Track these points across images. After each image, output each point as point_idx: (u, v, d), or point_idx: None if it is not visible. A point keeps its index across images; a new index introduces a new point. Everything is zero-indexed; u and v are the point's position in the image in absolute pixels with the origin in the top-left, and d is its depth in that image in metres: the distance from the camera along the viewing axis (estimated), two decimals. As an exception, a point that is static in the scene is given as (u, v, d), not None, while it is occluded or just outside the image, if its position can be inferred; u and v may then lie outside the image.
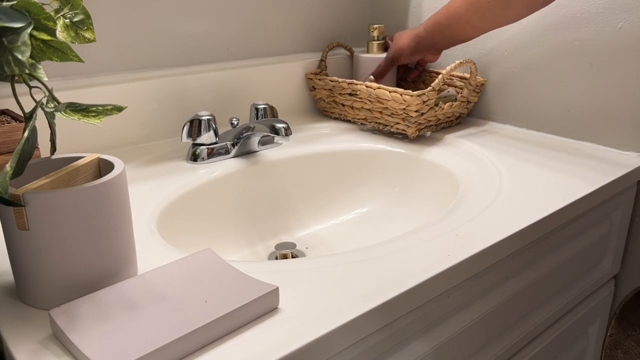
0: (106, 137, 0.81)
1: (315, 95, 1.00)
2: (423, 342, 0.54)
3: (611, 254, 0.82)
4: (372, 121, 0.91)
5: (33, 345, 0.40)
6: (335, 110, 0.98)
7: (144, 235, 0.58)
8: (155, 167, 0.76)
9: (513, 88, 0.91)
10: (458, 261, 0.52)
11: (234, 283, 0.44)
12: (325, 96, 0.98)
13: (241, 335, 0.41)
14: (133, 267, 0.48)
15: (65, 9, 0.45)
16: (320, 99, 1.00)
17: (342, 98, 0.94)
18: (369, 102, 0.89)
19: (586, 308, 0.81)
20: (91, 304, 0.42)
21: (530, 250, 0.64)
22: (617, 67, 0.79)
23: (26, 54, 0.37)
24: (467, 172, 0.75)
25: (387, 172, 0.86)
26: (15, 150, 0.38)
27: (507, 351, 0.67)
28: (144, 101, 0.83)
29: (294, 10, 0.99)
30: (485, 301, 0.60)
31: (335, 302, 0.45)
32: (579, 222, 0.71)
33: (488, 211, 0.62)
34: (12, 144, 0.62)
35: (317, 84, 0.98)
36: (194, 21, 0.87)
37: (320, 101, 1.01)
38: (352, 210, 0.85)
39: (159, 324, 0.39)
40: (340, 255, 0.53)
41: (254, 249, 0.77)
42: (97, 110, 0.42)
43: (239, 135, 0.79)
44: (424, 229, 0.59)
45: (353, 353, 0.46)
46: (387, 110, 0.87)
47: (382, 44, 0.99)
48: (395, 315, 0.48)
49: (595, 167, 0.75)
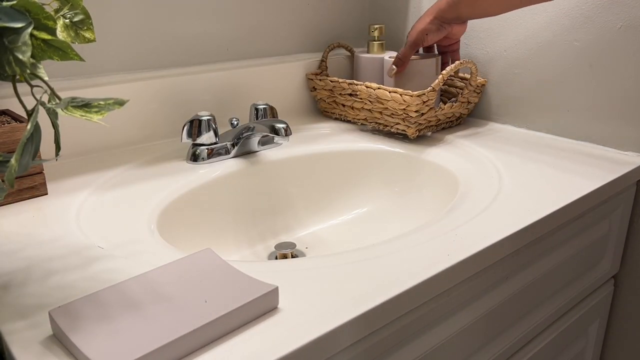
0: (106, 137, 0.81)
1: (316, 96, 1.01)
2: (423, 342, 0.54)
3: (611, 254, 0.82)
4: (373, 121, 0.91)
5: (33, 346, 0.40)
6: (335, 111, 0.98)
7: (144, 235, 0.58)
8: (155, 167, 0.76)
9: (513, 88, 0.91)
10: (458, 261, 0.52)
11: (233, 283, 0.45)
12: (325, 97, 0.98)
13: (241, 335, 0.41)
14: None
15: (65, 9, 0.45)
16: (321, 100, 1.00)
17: (342, 98, 0.94)
18: (369, 102, 0.89)
19: (586, 308, 0.81)
20: (91, 304, 0.42)
21: (530, 250, 0.64)
22: (617, 67, 0.79)
23: (27, 53, 0.37)
24: (466, 172, 0.75)
25: (387, 172, 0.86)
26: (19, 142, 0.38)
27: (507, 351, 0.67)
28: (144, 101, 0.83)
29: (294, 11, 0.99)
30: (485, 301, 0.60)
31: (335, 302, 0.45)
32: (579, 222, 0.71)
33: (488, 211, 0.62)
34: (13, 144, 0.63)
35: (317, 84, 0.98)
36: (194, 21, 0.87)
37: (320, 102, 1.01)
38: (352, 210, 0.85)
39: (159, 323, 0.39)
40: (340, 255, 0.53)
41: (254, 249, 0.77)
42: (99, 106, 0.42)
43: (239, 135, 0.79)
44: (423, 229, 0.59)
45: (353, 353, 0.46)
46: (387, 111, 0.87)
47: (382, 44, 0.98)
48: (395, 315, 0.48)
49: (595, 167, 0.75)
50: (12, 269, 0.50)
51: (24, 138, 0.38)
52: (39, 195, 0.66)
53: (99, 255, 0.53)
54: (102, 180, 0.71)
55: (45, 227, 0.59)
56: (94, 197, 0.67)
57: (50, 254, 0.53)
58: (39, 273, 0.50)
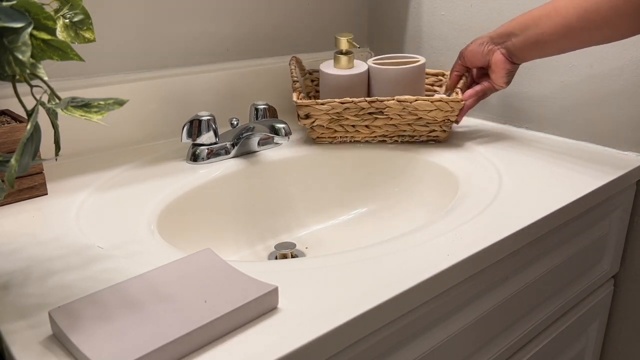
0: (106, 137, 0.81)
1: (308, 124, 0.83)
2: (423, 342, 0.54)
3: (610, 254, 0.82)
4: (395, 135, 0.85)
5: (33, 346, 0.40)
6: (337, 135, 0.85)
7: (144, 235, 0.58)
8: (155, 167, 0.76)
9: (513, 89, 0.91)
10: (457, 261, 0.52)
11: (233, 283, 0.45)
12: (325, 122, 0.83)
13: (241, 335, 0.41)
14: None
15: (65, 9, 0.45)
16: (317, 127, 0.84)
17: (354, 120, 0.83)
18: (399, 116, 0.82)
19: (586, 308, 0.81)
20: (91, 304, 0.42)
21: (530, 250, 0.64)
22: (616, 67, 0.79)
23: (27, 53, 0.37)
24: (466, 172, 0.75)
25: (387, 172, 0.86)
26: (20, 142, 0.38)
27: (507, 351, 0.67)
28: (144, 101, 0.83)
29: (294, 11, 0.99)
30: (484, 301, 0.60)
31: (335, 302, 0.45)
32: (579, 222, 0.71)
33: (488, 211, 0.62)
34: (12, 144, 0.63)
35: (316, 109, 0.80)
36: (194, 21, 0.87)
37: (316, 129, 0.84)
38: (352, 210, 0.85)
39: (159, 323, 0.39)
40: (340, 255, 0.53)
41: (254, 248, 0.77)
42: (99, 106, 0.42)
43: (239, 135, 0.79)
44: (423, 229, 0.59)
45: (353, 353, 0.46)
46: (421, 121, 0.82)
47: (352, 57, 0.87)
48: (395, 315, 0.48)
49: (594, 167, 0.75)
50: (12, 269, 0.50)
51: (24, 138, 0.38)
52: (38, 195, 0.66)
53: (98, 255, 0.53)
54: (102, 180, 0.71)
55: (45, 227, 0.59)
56: (94, 197, 0.67)
57: (50, 254, 0.53)
58: (39, 273, 0.50)
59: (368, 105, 0.81)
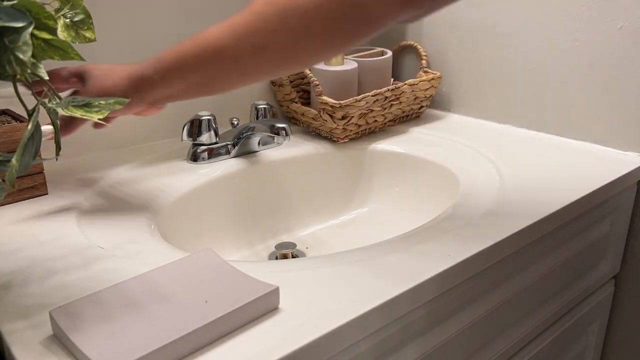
0: (106, 136, 0.81)
1: (347, 122, 0.83)
2: (423, 342, 0.54)
3: (611, 254, 0.82)
4: (397, 118, 0.93)
5: (34, 346, 0.40)
6: (360, 130, 0.88)
7: (144, 235, 0.58)
8: (156, 167, 0.76)
9: (513, 88, 0.91)
10: (458, 261, 0.52)
11: (234, 283, 0.45)
12: (357, 119, 0.85)
13: (241, 335, 0.41)
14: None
15: (66, 9, 0.45)
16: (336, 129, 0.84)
17: (378, 111, 0.87)
18: (407, 99, 0.91)
19: (586, 308, 0.81)
20: (92, 304, 0.42)
21: (530, 250, 0.64)
22: (617, 67, 0.79)
23: (27, 53, 0.37)
24: (466, 172, 0.75)
25: (387, 172, 0.86)
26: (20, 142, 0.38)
27: (507, 351, 0.67)
28: (144, 101, 0.83)
29: (294, 10, 0.99)
30: (485, 301, 0.60)
31: (335, 302, 0.45)
32: (579, 222, 0.71)
33: (488, 211, 0.62)
34: (13, 144, 0.62)
35: (354, 107, 0.81)
36: (194, 21, 0.87)
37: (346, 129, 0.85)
38: (352, 210, 0.85)
39: (159, 323, 0.39)
40: (340, 255, 0.53)
41: (254, 249, 0.77)
42: (99, 105, 0.42)
43: (239, 135, 0.79)
44: (423, 229, 0.59)
45: (353, 353, 0.46)
46: (417, 100, 0.93)
47: (342, 54, 0.88)
48: (395, 315, 0.48)
49: (595, 168, 0.75)
50: (12, 269, 0.50)
51: (24, 138, 0.38)
52: (39, 195, 0.66)
53: (99, 255, 0.53)
54: (103, 180, 0.71)
55: (46, 227, 0.58)
56: (95, 197, 0.67)
57: (50, 254, 0.53)
58: (39, 273, 0.50)
59: (390, 94, 0.88)
